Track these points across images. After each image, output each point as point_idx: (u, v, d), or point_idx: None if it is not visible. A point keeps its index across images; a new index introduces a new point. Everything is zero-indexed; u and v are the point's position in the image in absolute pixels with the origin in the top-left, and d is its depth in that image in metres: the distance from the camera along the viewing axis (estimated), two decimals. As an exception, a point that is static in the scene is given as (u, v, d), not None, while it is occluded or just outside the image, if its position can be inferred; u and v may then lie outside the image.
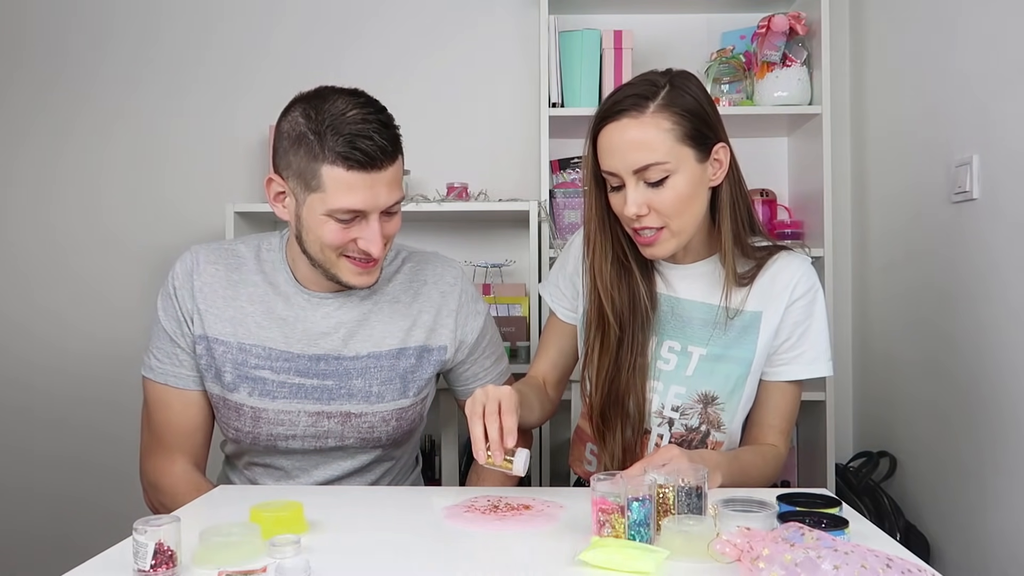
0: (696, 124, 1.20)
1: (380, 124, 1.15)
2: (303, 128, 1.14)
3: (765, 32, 2.12)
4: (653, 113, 1.18)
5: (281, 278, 1.30)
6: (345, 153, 1.11)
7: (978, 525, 1.70)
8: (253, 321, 1.27)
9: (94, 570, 0.88)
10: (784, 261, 1.30)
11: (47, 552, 2.37)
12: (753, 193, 2.26)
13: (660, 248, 1.24)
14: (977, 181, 1.66)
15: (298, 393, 1.27)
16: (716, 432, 1.30)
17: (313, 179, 1.14)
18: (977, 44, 1.68)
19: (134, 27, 2.43)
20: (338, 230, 1.16)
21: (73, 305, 2.43)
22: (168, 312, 1.29)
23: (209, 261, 1.29)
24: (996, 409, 1.61)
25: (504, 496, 1.14)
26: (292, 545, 0.89)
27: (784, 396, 1.33)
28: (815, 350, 1.30)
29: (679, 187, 1.19)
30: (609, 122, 1.20)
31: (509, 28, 2.41)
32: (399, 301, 1.33)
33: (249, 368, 1.26)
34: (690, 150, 1.19)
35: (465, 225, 2.38)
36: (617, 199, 1.24)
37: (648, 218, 1.21)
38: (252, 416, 1.27)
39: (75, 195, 2.43)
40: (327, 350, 1.28)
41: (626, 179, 1.20)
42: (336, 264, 1.21)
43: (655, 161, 1.17)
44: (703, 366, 1.30)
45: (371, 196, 1.15)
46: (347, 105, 1.14)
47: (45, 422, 2.42)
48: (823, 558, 0.74)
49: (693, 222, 1.24)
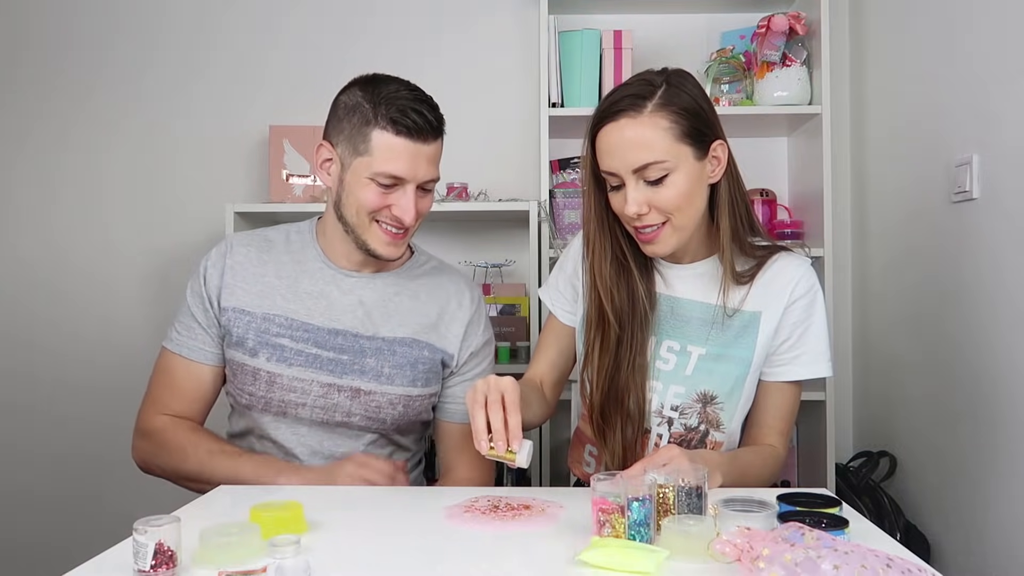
0: (693, 122, 1.20)
1: (429, 105, 1.28)
2: (360, 99, 1.27)
3: (765, 32, 2.12)
4: (651, 112, 1.19)
5: (310, 254, 1.39)
6: (396, 118, 1.24)
7: (978, 525, 1.70)
8: (279, 294, 1.35)
9: (94, 570, 0.88)
10: (784, 261, 1.31)
11: (47, 554, 2.37)
12: (753, 193, 2.27)
13: (662, 245, 1.25)
14: (977, 181, 1.66)
15: (313, 363, 1.33)
16: (715, 432, 1.30)
17: (363, 143, 1.26)
18: (977, 44, 1.68)
19: (135, 28, 2.43)
20: (377, 194, 1.27)
21: (74, 303, 2.43)
22: (194, 290, 1.38)
23: (242, 244, 1.40)
24: (996, 409, 1.61)
25: (504, 496, 1.14)
26: (292, 545, 0.89)
27: (783, 396, 1.33)
28: (815, 351, 1.30)
29: (679, 185, 1.20)
30: (607, 122, 1.21)
31: (509, 28, 2.41)
32: (418, 298, 1.41)
33: (271, 336, 1.33)
34: (688, 148, 1.20)
35: (465, 225, 2.38)
36: (617, 199, 1.24)
37: (649, 216, 1.22)
38: (267, 380, 1.33)
39: (76, 195, 2.44)
40: (346, 326, 1.35)
41: (626, 178, 1.20)
42: (368, 230, 1.30)
43: (654, 160, 1.18)
44: (702, 365, 1.30)
45: (412, 166, 1.26)
46: (400, 86, 1.29)
47: (47, 422, 2.42)
48: (823, 558, 0.74)
49: (693, 219, 1.25)
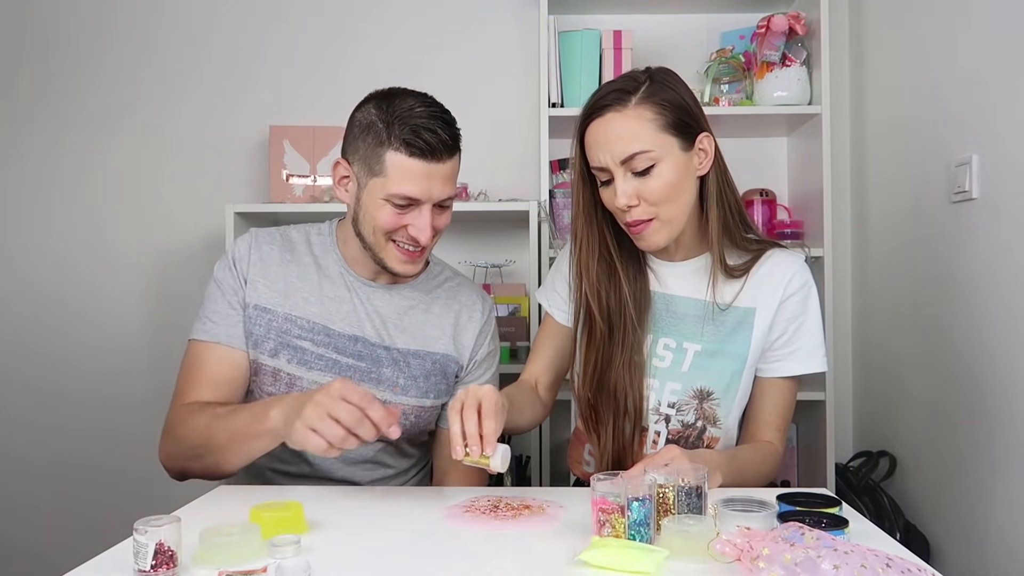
0: (678, 114, 1.23)
1: (444, 122, 1.25)
2: (374, 118, 1.25)
3: (765, 32, 2.12)
4: (635, 105, 1.22)
5: (330, 259, 1.38)
6: (409, 140, 1.21)
7: (978, 525, 1.70)
8: (301, 296, 1.35)
9: (94, 570, 0.89)
10: (778, 257, 1.32)
11: (43, 563, 2.37)
12: (753, 193, 2.27)
13: (652, 238, 1.26)
14: (977, 181, 1.66)
15: (333, 368, 1.33)
16: (712, 428, 1.31)
17: (377, 164, 1.24)
18: (977, 44, 1.68)
19: (134, 29, 2.44)
20: (392, 214, 1.26)
21: (73, 305, 2.42)
22: (225, 275, 1.36)
23: (265, 241, 1.39)
24: (996, 409, 1.61)
25: (504, 496, 1.14)
26: (292, 545, 0.89)
27: (780, 392, 1.33)
28: (810, 346, 1.31)
29: (666, 175, 1.22)
30: (594, 118, 1.24)
31: (509, 28, 2.41)
32: (431, 311, 1.40)
33: (292, 337, 1.33)
34: (674, 139, 1.23)
35: (465, 225, 2.38)
36: (607, 193, 1.26)
37: (638, 209, 1.23)
38: (288, 382, 1.33)
39: (75, 196, 2.44)
40: (366, 333, 1.35)
41: (614, 171, 1.22)
42: (384, 249, 1.29)
43: (640, 150, 1.20)
44: (698, 362, 1.30)
45: (427, 186, 1.24)
46: (416, 102, 1.25)
47: (43, 425, 2.42)
48: (823, 558, 0.74)
49: (683, 211, 1.26)
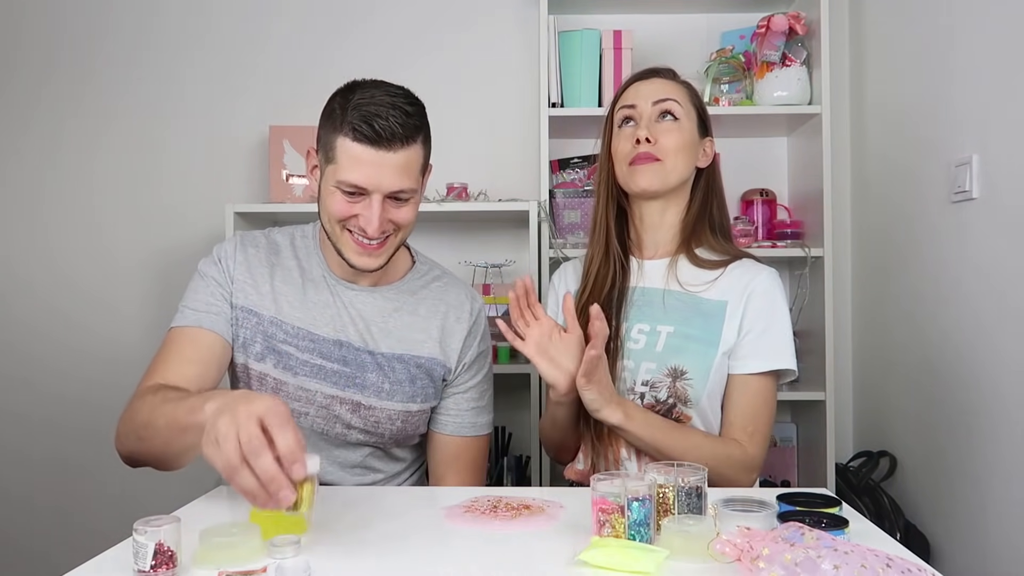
0: (701, 108, 1.44)
1: (401, 111, 1.20)
2: (335, 105, 1.24)
3: (765, 32, 2.12)
4: (677, 82, 1.44)
5: (313, 262, 1.38)
6: (357, 125, 1.19)
7: (978, 525, 1.70)
8: (286, 300, 1.34)
9: (94, 570, 0.89)
10: (749, 263, 1.40)
11: (43, 563, 2.37)
12: (753, 193, 2.27)
13: (648, 174, 1.36)
14: (976, 181, 1.66)
15: (318, 374, 1.32)
16: (683, 407, 1.32)
17: (331, 150, 1.23)
18: (977, 44, 1.68)
19: (130, 27, 2.43)
20: (342, 202, 1.23)
21: (72, 306, 2.43)
22: (215, 269, 1.34)
23: (251, 244, 1.38)
24: (996, 409, 1.61)
25: (504, 496, 1.14)
26: (292, 545, 0.89)
27: (750, 391, 1.33)
28: (778, 344, 1.34)
29: (684, 132, 1.38)
30: (641, 79, 1.43)
31: (509, 28, 2.41)
32: (417, 313, 1.39)
33: (277, 342, 1.32)
34: (696, 119, 1.41)
35: (465, 225, 2.38)
36: (624, 134, 1.40)
37: (651, 147, 1.36)
38: (273, 387, 1.32)
39: (73, 196, 2.43)
40: (350, 338, 1.34)
41: (644, 111, 1.38)
42: (340, 238, 1.27)
43: (676, 98, 1.39)
44: (672, 343, 1.34)
45: (375, 175, 1.20)
46: (379, 92, 1.22)
47: (44, 426, 2.42)
48: (823, 558, 0.74)
49: (679, 173, 1.38)
